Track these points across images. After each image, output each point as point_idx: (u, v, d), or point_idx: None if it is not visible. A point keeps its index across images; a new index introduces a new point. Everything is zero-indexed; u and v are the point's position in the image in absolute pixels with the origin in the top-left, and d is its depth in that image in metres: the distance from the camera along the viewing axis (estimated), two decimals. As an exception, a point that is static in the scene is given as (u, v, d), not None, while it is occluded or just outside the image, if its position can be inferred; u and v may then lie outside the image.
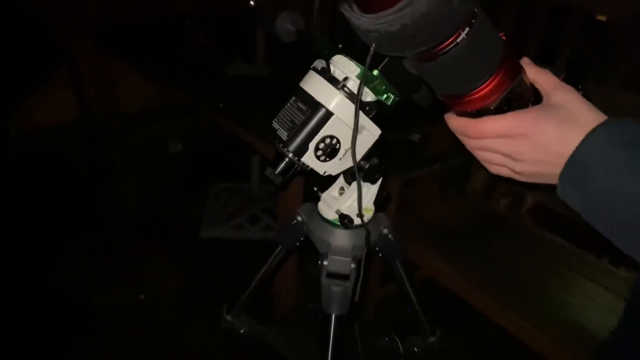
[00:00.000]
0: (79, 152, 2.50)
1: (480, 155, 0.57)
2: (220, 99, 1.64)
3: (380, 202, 0.78)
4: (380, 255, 0.85)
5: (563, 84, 0.55)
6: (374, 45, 0.49)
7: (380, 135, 0.70)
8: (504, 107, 0.55)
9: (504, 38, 0.55)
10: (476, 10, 0.48)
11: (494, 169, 0.57)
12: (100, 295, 1.79)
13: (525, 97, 0.56)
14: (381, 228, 0.81)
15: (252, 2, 0.90)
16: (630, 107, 1.52)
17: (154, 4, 2.37)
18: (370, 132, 0.69)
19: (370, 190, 0.76)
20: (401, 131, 1.82)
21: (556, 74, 0.61)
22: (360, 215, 0.68)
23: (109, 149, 2.45)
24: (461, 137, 0.57)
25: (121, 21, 2.24)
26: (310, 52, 0.70)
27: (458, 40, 0.48)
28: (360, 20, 0.47)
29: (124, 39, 2.10)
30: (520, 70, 0.54)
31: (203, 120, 2.42)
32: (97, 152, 2.48)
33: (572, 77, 0.60)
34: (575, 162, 0.50)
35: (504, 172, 0.57)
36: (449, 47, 0.48)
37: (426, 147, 2.08)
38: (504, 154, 0.54)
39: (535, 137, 0.52)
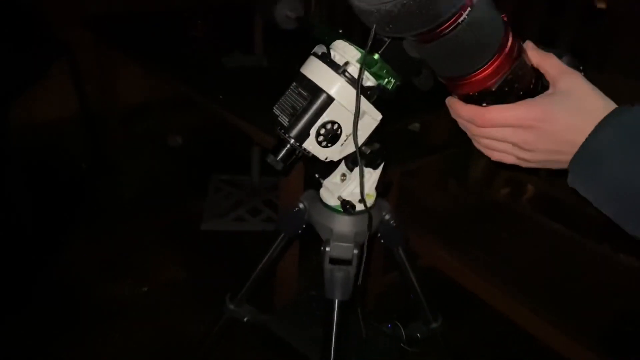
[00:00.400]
0: (79, 146, 2.50)
1: (484, 142, 0.57)
2: (219, 91, 1.64)
3: (382, 189, 0.78)
4: (382, 241, 0.85)
5: (569, 69, 0.54)
6: (374, 26, 0.48)
7: (382, 121, 0.70)
8: (505, 88, 0.55)
9: (505, 19, 0.55)
10: None
11: (497, 156, 0.57)
12: (103, 288, 1.80)
13: (526, 79, 0.56)
14: (383, 214, 0.82)
15: None
16: (630, 94, 1.52)
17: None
18: (372, 117, 0.69)
19: (372, 176, 0.76)
20: (401, 121, 1.82)
21: (558, 55, 0.61)
22: (362, 200, 0.68)
23: (108, 142, 2.45)
24: (466, 124, 0.56)
25: (120, 15, 2.24)
26: (309, 42, 0.70)
27: (459, 20, 0.48)
28: (361, 1, 0.47)
29: (122, 32, 2.10)
30: (521, 51, 0.54)
31: (202, 113, 2.42)
32: (97, 146, 2.48)
33: (575, 59, 0.60)
34: (587, 152, 0.50)
35: (509, 159, 0.57)
36: (450, 28, 0.48)
37: (426, 136, 2.09)
38: (512, 143, 0.54)
39: (545, 127, 0.52)
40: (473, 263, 1.54)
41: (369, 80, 0.66)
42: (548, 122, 0.51)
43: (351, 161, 0.74)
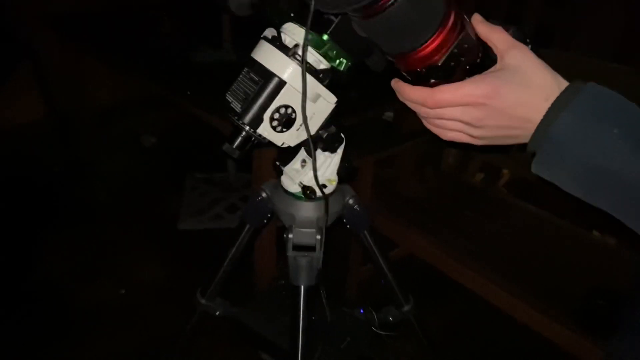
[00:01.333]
0: (49, 150, 2.45)
1: (435, 122, 0.56)
2: (188, 87, 1.62)
3: (344, 174, 0.78)
4: (347, 227, 0.85)
5: (517, 43, 0.53)
6: (313, 1, 0.48)
7: (338, 104, 0.69)
8: (451, 62, 0.55)
9: None
10: None
11: (449, 136, 0.57)
12: (80, 292, 1.77)
13: (473, 53, 0.56)
14: (347, 199, 0.81)
15: None
16: (595, 72, 1.54)
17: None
18: (327, 100, 0.68)
19: (333, 160, 0.75)
20: (375, 110, 1.82)
21: (505, 28, 0.60)
22: (317, 183, 0.68)
23: (80, 145, 2.41)
24: (416, 107, 0.56)
25: (84, 13, 2.19)
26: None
27: None
28: None
29: (87, 31, 2.06)
30: (465, 24, 0.54)
31: (175, 111, 2.39)
32: (69, 149, 2.44)
33: (520, 31, 0.60)
34: (547, 140, 0.50)
35: (462, 138, 0.56)
36: (389, 2, 0.48)
37: (400, 125, 2.09)
38: (464, 122, 0.54)
39: (494, 103, 0.51)
40: (450, 248, 1.55)
41: (321, 63, 0.66)
42: (497, 98, 0.51)
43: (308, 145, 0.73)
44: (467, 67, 0.56)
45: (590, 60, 1.62)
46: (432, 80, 0.58)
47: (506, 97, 0.51)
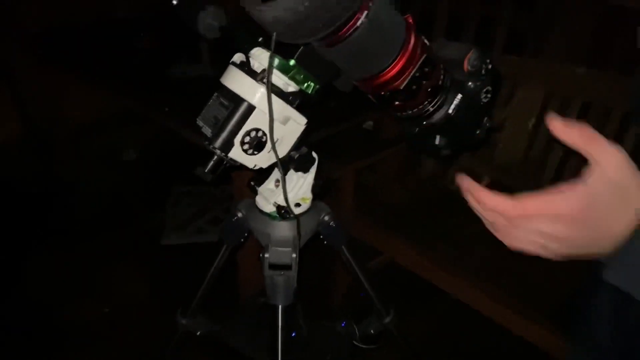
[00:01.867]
0: (28, 169, 2.42)
1: (510, 232, 0.50)
2: (165, 102, 1.62)
3: (319, 191, 0.79)
4: (325, 243, 0.86)
5: (612, 150, 0.45)
6: (275, 33, 0.49)
7: (308, 125, 0.70)
8: (412, 86, 0.56)
9: (410, 20, 0.56)
10: None
11: (518, 245, 0.51)
12: (63, 311, 1.75)
13: (434, 76, 0.58)
14: (322, 216, 0.82)
15: (174, 1, 0.89)
16: (565, 77, 1.58)
17: (93, 11, 2.31)
18: (297, 122, 0.69)
19: (306, 180, 0.76)
20: (355, 120, 1.84)
21: (466, 49, 0.62)
22: (287, 205, 0.69)
23: (60, 162, 2.39)
24: (492, 215, 0.50)
25: (60, 30, 2.17)
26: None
27: (357, 24, 0.49)
28: (259, 10, 0.47)
29: (64, 48, 2.04)
30: (425, 48, 0.56)
31: (156, 124, 2.38)
32: (48, 167, 2.41)
33: (480, 53, 0.62)
34: (631, 256, 0.46)
35: (536, 251, 0.50)
36: (350, 31, 0.50)
37: (380, 133, 2.11)
38: (546, 236, 0.48)
39: (589, 219, 0.46)
40: (432, 254, 1.56)
41: (290, 86, 0.67)
42: (591, 212, 0.45)
43: (282, 164, 0.74)
44: (429, 89, 0.58)
45: (561, 66, 1.66)
46: (396, 103, 0.59)
47: (599, 213, 0.45)
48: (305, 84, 0.66)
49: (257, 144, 0.66)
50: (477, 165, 1.92)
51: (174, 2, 0.87)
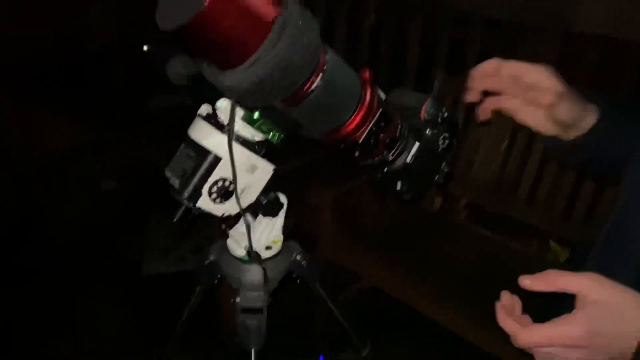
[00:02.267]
0: (3, 202, 2.39)
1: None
2: (143, 133, 1.63)
3: (289, 231, 0.81)
4: (298, 281, 0.87)
5: (586, 277, 0.54)
6: (233, 99, 0.51)
7: (275, 171, 0.72)
8: (370, 139, 0.59)
9: (366, 75, 0.58)
10: (327, 57, 0.52)
11: None
12: (41, 348, 1.72)
13: (390, 129, 0.60)
14: (294, 255, 0.84)
15: (145, 47, 0.91)
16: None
17: (69, 42, 2.31)
18: (264, 170, 0.71)
19: (276, 224, 0.78)
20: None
21: (422, 97, 0.65)
22: (250, 251, 0.70)
23: (37, 193, 2.36)
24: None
25: (36, 61, 2.17)
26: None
27: (313, 87, 0.51)
28: (218, 78, 0.49)
29: (41, 79, 2.05)
30: (381, 104, 0.59)
31: (133, 154, 2.38)
32: (24, 199, 2.39)
33: (435, 102, 0.65)
34: None
35: None
36: (306, 93, 0.52)
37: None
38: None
39: (596, 342, 0.52)
40: (411, 279, 1.58)
41: (256, 136, 0.69)
42: (596, 337, 0.51)
43: (252, 211, 0.76)
44: (387, 140, 0.60)
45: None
46: (357, 153, 0.62)
47: (604, 333, 0.51)
48: (271, 134, 0.68)
49: (224, 193, 0.67)
50: (453, 186, 1.96)
51: (145, 48, 0.90)
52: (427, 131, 0.64)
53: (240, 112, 0.67)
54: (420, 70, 2.06)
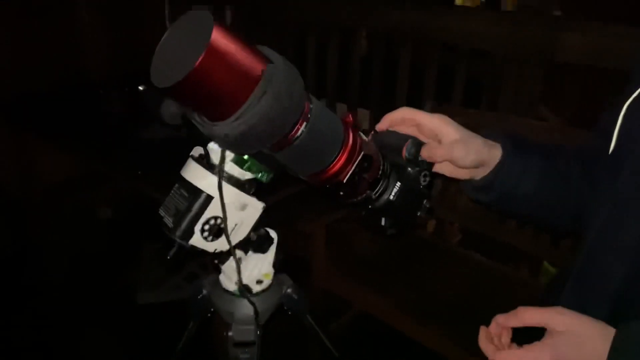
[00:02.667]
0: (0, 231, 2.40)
1: None
2: (138, 165, 1.66)
3: (279, 265, 0.83)
4: (289, 313, 0.89)
5: (550, 310, 0.61)
6: (223, 148, 0.54)
7: (265, 209, 0.75)
8: (354, 179, 0.62)
9: (349, 120, 0.62)
10: (311, 106, 0.55)
11: None
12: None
13: (373, 170, 0.63)
14: (285, 288, 0.86)
15: (141, 87, 0.95)
16: (521, 128, 1.67)
17: (66, 75, 2.36)
18: (254, 207, 0.74)
19: (267, 259, 0.80)
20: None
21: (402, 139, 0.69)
22: (240, 286, 0.72)
23: (32, 225, 2.38)
24: None
25: (31, 95, 2.21)
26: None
27: (298, 133, 0.54)
28: (211, 129, 0.52)
29: (35, 113, 2.08)
30: (363, 146, 0.62)
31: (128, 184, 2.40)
32: (18, 229, 2.40)
33: (416, 144, 0.69)
34: None
35: None
36: (291, 140, 0.55)
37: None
38: None
39: None
40: (404, 306, 1.59)
41: (246, 175, 0.72)
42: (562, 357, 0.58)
43: (242, 246, 0.78)
44: (370, 180, 0.64)
45: (515, 118, 1.76)
46: (341, 193, 0.65)
47: (572, 355, 0.58)
48: (260, 174, 0.71)
49: (216, 231, 0.70)
50: (445, 213, 1.99)
51: (141, 88, 0.93)
52: (409, 169, 0.67)
53: (230, 155, 0.70)
54: (410, 96, 2.11)
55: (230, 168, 0.70)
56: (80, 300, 2.09)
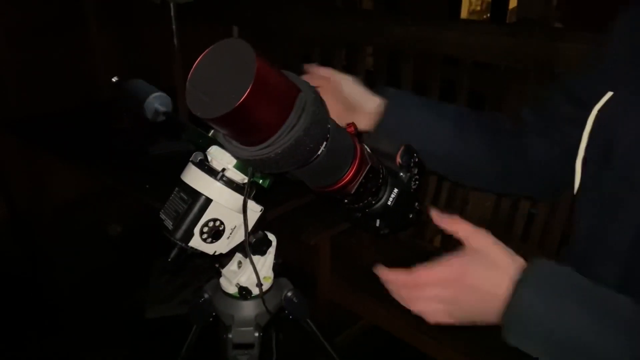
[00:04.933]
0: (11, 251, 2.44)
1: (416, 306, 0.64)
2: (147, 179, 1.69)
3: (278, 269, 0.84)
4: (290, 317, 0.90)
5: (477, 229, 0.63)
6: (251, 169, 0.62)
7: (263, 212, 0.77)
8: (360, 189, 0.64)
9: (352, 130, 0.64)
10: (329, 125, 0.57)
11: (432, 318, 0.64)
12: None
13: (376, 179, 0.66)
14: (285, 292, 0.87)
15: (114, 79, 0.95)
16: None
17: (76, 93, 2.42)
18: (252, 210, 0.76)
19: (266, 261, 0.82)
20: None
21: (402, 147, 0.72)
22: (258, 281, 0.74)
23: (43, 242, 2.42)
24: (395, 290, 0.64)
25: (42, 115, 2.26)
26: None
27: (318, 153, 0.56)
28: (241, 152, 0.54)
29: (46, 131, 2.13)
30: (370, 158, 0.65)
31: (138, 200, 2.44)
32: (30, 247, 2.44)
33: (409, 150, 0.71)
34: (514, 316, 0.58)
35: (442, 317, 0.63)
36: (311, 160, 0.57)
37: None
38: (440, 300, 0.61)
39: (467, 281, 0.60)
40: (412, 318, 1.58)
41: (246, 179, 0.74)
42: (467, 277, 0.59)
43: (241, 250, 0.80)
44: (373, 189, 0.66)
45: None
46: (345, 201, 0.67)
47: (475, 275, 0.59)
48: (261, 180, 0.73)
49: (215, 233, 0.72)
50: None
51: (114, 79, 0.93)
52: (402, 175, 0.70)
53: (232, 161, 0.72)
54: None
55: (233, 174, 0.72)
56: (90, 315, 2.11)
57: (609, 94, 0.70)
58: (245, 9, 2.43)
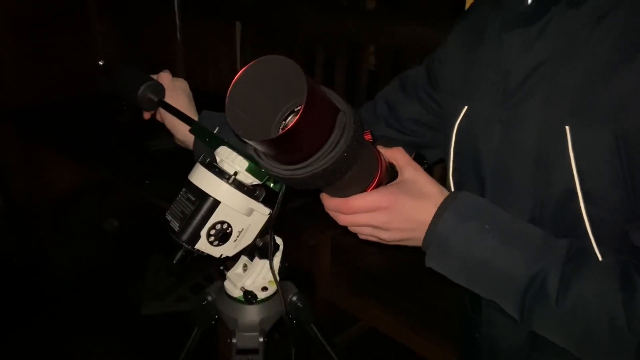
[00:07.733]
0: (7, 242, 2.41)
1: (352, 229, 0.66)
2: (146, 175, 1.67)
3: (284, 272, 0.83)
4: (294, 322, 0.88)
5: (412, 161, 0.66)
6: (283, 187, 0.64)
7: (271, 214, 0.75)
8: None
9: (369, 138, 0.62)
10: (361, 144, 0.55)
11: (363, 237, 0.68)
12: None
13: (386, 179, 0.64)
14: (290, 296, 0.85)
15: (101, 62, 0.92)
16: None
17: (77, 86, 2.39)
18: (261, 213, 0.74)
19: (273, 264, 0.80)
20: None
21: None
22: (274, 277, 0.73)
23: (40, 234, 2.39)
24: (334, 215, 0.65)
25: (42, 106, 2.24)
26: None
27: (351, 170, 0.54)
28: (277, 170, 0.52)
29: (46, 123, 2.10)
30: (388, 169, 0.63)
31: (136, 194, 2.41)
32: (27, 239, 2.41)
33: (419, 155, 0.70)
34: (434, 236, 0.62)
35: (372, 239, 0.67)
36: (344, 178, 0.54)
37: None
38: (373, 226, 0.64)
39: (397, 208, 0.62)
40: (411, 320, 1.58)
41: (256, 181, 0.72)
42: (398, 203, 0.62)
43: (248, 252, 0.78)
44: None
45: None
46: None
47: (405, 203, 0.62)
48: (272, 184, 0.71)
49: (222, 236, 0.70)
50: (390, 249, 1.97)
51: (101, 63, 0.90)
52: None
53: (244, 164, 0.70)
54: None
55: (244, 177, 0.70)
56: (87, 310, 2.08)
57: (465, 108, 0.72)
58: (249, 5, 2.40)
